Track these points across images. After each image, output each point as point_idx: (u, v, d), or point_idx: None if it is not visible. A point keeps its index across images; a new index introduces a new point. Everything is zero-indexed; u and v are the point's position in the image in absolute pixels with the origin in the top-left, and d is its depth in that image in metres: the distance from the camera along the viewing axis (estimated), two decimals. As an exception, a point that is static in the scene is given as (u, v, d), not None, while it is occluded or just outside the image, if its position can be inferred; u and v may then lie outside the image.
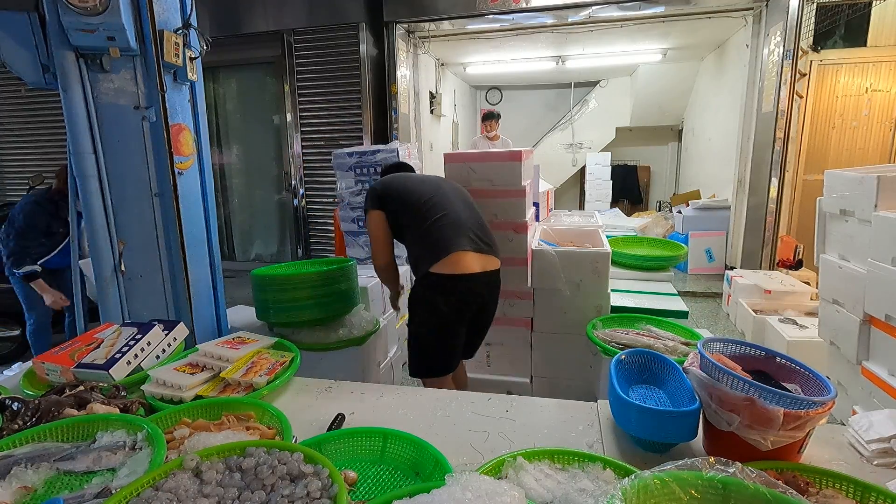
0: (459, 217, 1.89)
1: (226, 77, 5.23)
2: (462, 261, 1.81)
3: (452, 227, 1.85)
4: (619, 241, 3.44)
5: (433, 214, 1.87)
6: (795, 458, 1.00)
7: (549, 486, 0.90)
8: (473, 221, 1.94)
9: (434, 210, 1.88)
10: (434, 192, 1.95)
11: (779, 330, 3.01)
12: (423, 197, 1.92)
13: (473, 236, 1.88)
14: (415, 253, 1.92)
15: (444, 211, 1.88)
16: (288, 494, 0.82)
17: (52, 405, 1.15)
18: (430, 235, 1.85)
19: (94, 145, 1.91)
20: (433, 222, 1.86)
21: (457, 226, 1.86)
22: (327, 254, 5.07)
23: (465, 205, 1.98)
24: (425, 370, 1.95)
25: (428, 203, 1.90)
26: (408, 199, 1.94)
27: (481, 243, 1.90)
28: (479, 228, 1.94)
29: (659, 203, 8.53)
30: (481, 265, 1.85)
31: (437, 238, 1.84)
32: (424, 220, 1.87)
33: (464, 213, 1.93)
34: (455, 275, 1.80)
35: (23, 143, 5.36)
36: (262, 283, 2.16)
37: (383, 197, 1.97)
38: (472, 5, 4.49)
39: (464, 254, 1.82)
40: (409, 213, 1.92)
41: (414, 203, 1.92)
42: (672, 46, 6.18)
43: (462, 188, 2.09)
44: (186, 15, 2.03)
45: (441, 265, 1.80)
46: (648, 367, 1.37)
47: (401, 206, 1.94)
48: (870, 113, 4.25)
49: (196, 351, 1.51)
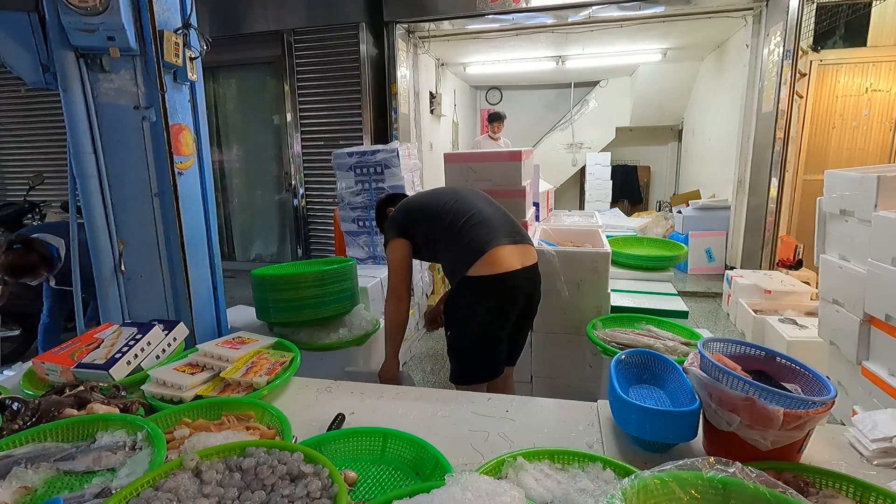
0: (486, 214, 1.81)
1: (226, 77, 5.23)
2: (500, 258, 1.71)
3: (483, 226, 1.77)
4: (619, 241, 3.44)
5: (460, 218, 1.79)
6: (795, 458, 1.00)
7: (549, 486, 0.90)
8: (501, 216, 1.86)
9: (460, 214, 1.80)
10: (453, 197, 1.88)
11: (779, 330, 3.01)
12: (445, 205, 1.85)
13: (506, 230, 1.80)
14: (450, 261, 1.82)
15: (469, 212, 1.81)
16: (288, 494, 0.82)
17: (52, 405, 1.15)
18: (462, 239, 1.76)
19: (94, 145, 1.91)
20: (462, 225, 1.78)
21: (488, 223, 1.78)
22: (327, 254, 5.07)
23: (486, 202, 1.91)
24: (470, 378, 1.82)
25: (451, 210, 1.83)
26: (429, 213, 1.86)
27: (516, 234, 1.81)
28: (509, 222, 1.86)
29: (659, 203, 8.53)
30: (521, 260, 1.76)
31: (469, 239, 1.74)
32: (454, 227, 1.79)
33: (489, 210, 1.85)
34: (494, 275, 1.70)
35: (23, 143, 5.36)
36: (262, 283, 2.16)
37: (404, 224, 1.88)
38: (472, 5, 4.49)
39: (501, 248, 1.72)
40: (435, 227, 1.84)
41: (436, 215, 1.84)
42: (672, 46, 6.18)
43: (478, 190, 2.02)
44: (186, 15, 2.03)
45: (478, 266, 1.70)
46: (648, 367, 1.37)
47: (425, 224, 1.86)
48: (870, 113, 4.25)
49: (196, 351, 1.51)
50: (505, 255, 1.71)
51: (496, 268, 1.69)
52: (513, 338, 1.91)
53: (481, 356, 1.81)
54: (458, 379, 1.85)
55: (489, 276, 1.69)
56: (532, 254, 1.83)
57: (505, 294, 1.74)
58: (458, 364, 1.85)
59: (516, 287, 1.75)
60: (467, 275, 1.71)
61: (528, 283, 1.80)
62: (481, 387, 1.79)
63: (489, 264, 1.70)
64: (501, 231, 1.77)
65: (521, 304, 1.81)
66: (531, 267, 1.81)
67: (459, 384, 1.82)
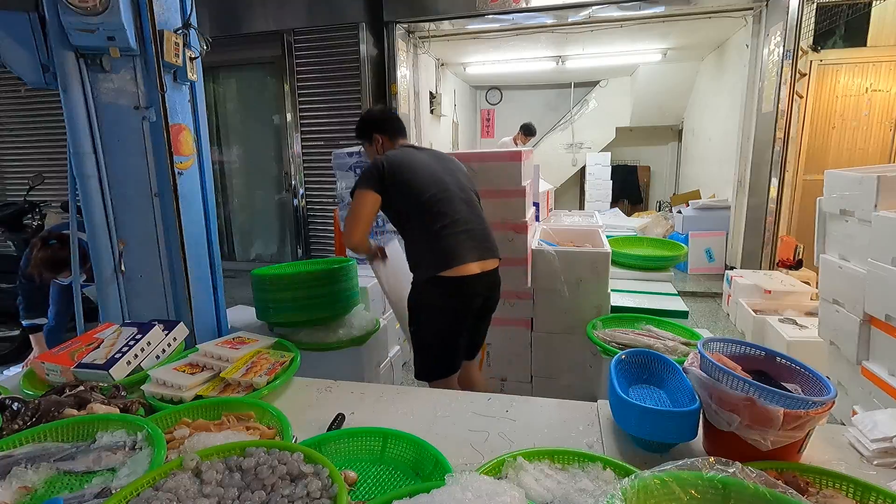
0: (465, 225, 1.89)
1: (226, 77, 5.22)
2: (465, 268, 1.84)
3: (459, 239, 1.85)
4: (619, 241, 3.44)
5: (439, 221, 1.85)
6: (795, 458, 1.00)
7: (549, 486, 0.90)
8: (477, 226, 1.93)
9: (440, 217, 1.86)
10: (440, 190, 1.90)
11: (779, 330, 3.01)
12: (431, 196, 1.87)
13: (479, 245, 1.90)
14: (417, 252, 1.91)
15: (450, 217, 1.86)
16: (288, 494, 0.82)
17: (52, 405, 1.15)
18: (436, 242, 1.84)
19: (94, 145, 1.91)
20: (440, 229, 1.84)
21: (463, 237, 1.87)
22: (327, 254, 5.07)
23: (468, 207, 1.95)
24: (432, 373, 1.94)
25: (434, 205, 1.86)
26: (411, 194, 1.87)
27: (485, 251, 1.91)
28: (483, 234, 1.94)
29: (659, 203, 8.53)
30: (480, 268, 1.88)
31: (443, 247, 1.83)
32: (431, 224, 1.85)
33: (467, 216, 1.91)
34: (457, 277, 1.83)
35: (23, 143, 5.36)
36: (262, 283, 2.16)
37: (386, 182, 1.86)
38: (472, 5, 4.49)
39: (470, 265, 1.85)
40: (413, 210, 1.88)
41: (417, 202, 1.87)
42: (672, 46, 6.18)
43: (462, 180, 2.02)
44: (186, 15, 2.03)
45: (444, 272, 1.82)
46: (648, 367, 1.37)
47: (404, 201, 1.88)
48: (870, 113, 4.25)
49: (196, 351, 1.51)
50: (469, 266, 1.85)
51: (459, 273, 1.83)
52: (471, 335, 2.03)
53: (442, 352, 1.93)
54: (424, 375, 1.96)
55: (452, 277, 1.83)
56: (493, 262, 1.95)
57: (466, 293, 1.87)
58: (423, 358, 1.96)
59: (476, 288, 1.89)
60: (434, 275, 1.83)
61: (487, 287, 1.94)
62: (451, 382, 1.95)
63: (454, 271, 1.83)
64: (474, 248, 1.88)
65: (479, 304, 1.94)
66: (491, 271, 1.94)
67: (425, 378, 1.95)
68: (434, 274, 1.83)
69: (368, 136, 2.09)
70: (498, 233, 2.29)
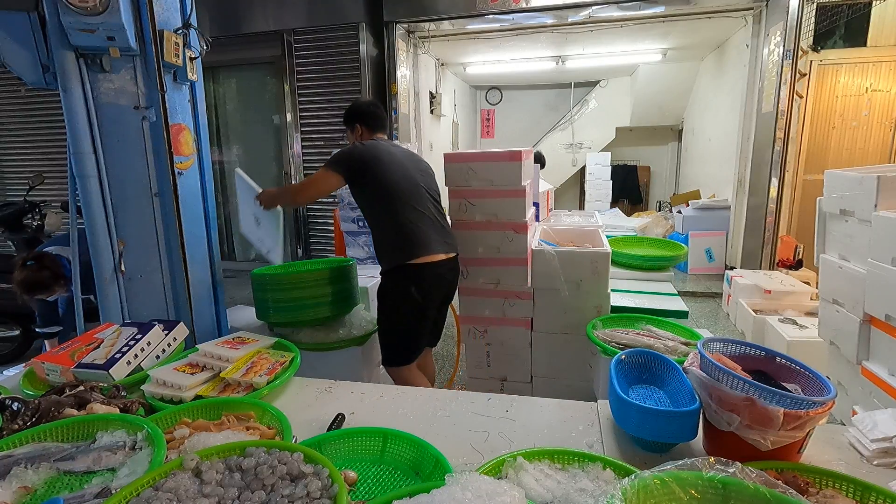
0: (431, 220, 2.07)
1: (226, 77, 5.23)
2: (433, 256, 2.02)
3: (427, 231, 2.03)
4: (619, 241, 3.44)
5: (409, 213, 2.01)
6: (795, 458, 1.00)
7: (549, 486, 0.90)
8: (442, 223, 2.13)
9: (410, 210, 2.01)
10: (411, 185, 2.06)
11: (779, 330, 3.01)
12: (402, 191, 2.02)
13: (442, 240, 2.08)
14: (386, 242, 2.06)
15: (419, 211, 2.03)
16: (288, 494, 0.82)
17: (52, 405, 1.15)
18: (405, 233, 2.00)
19: (94, 145, 1.91)
20: (409, 221, 2.00)
21: (430, 230, 2.04)
22: (327, 254, 5.07)
23: (434, 205, 2.13)
24: (400, 358, 2.08)
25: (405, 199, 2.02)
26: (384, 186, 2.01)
27: (448, 246, 2.11)
28: (445, 230, 2.14)
29: (659, 203, 8.53)
30: (444, 256, 2.07)
31: (413, 238, 2.00)
32: (401, 216, 2.01)
33: (434, 213, 2.10)
34: (426, 263, 2.00)
35: (23, 143, 5.36)
36: (262, 283, 2.16)
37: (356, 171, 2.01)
38: (472, 5, 4.49)
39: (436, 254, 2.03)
40: (384, 202, 2.02)
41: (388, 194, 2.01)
42: (672, 46, 6.18)
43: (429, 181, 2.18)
44: (186, 15, 2.03)
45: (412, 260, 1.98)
46: (648, 367, 1.37)
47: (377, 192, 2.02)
48: (870, 113, 4.25)
49: (196, 351, 1.51)
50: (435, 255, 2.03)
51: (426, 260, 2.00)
52: (435, 322, 2.21)
53: (408, 338, 2.08)
54: (391, 361, 2.10)
55: (420, 263, 1.99)
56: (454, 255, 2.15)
57: (434, 278, 2.04)
58: (390, 346, 2.10)
59: (442, 273, 2.07)
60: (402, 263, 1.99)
61: (450, 273, 2.13)
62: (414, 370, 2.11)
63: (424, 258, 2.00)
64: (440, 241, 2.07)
65: (445, 288, 2.13)
66: (453, 258, 2.14)
67: (394, 364, 2.09)
68: (403, 262, 1.98)
69: (351, 123, 2.25)
70: (498, 233, 2.30)
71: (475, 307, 2.46)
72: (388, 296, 2.06)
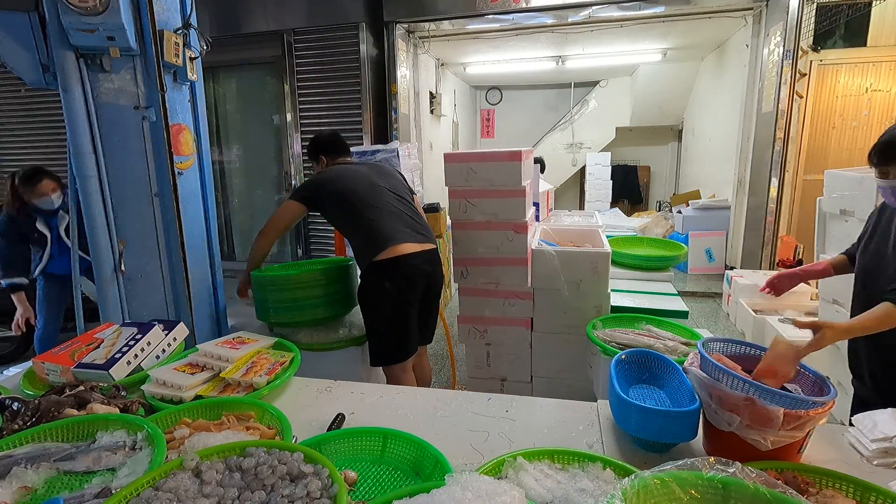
0: (395, 213, 2.09)
1: (226, 77, 5.22)
2: (399, 248, 2.01)
3: (389, 223, 2.05)
4: (619, 241, 3.44)
5: (369, 212, 2.05)
6: (795, 458, 1.00)
7: (549, 486, 0.90)
8: (410, 215, 2.13)
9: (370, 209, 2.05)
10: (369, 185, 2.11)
11: (779, 330, 3.01)
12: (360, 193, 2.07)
13: (412, 231, 2.08)
14: (357, 247, 2.10)
15: (379, 208, 2.07)
16: (288, 494, 0.82)
17: (52, 405, 1.15)
18: (369, 231, 2.03)
19: (94, 145, 1.91)
20: (370, 219, 2.04)
21: (394, 221, 2.06)
22: (327, 254, 5.07)
23: (399, 201, 2.15)
24: (388, 357, 2.08)
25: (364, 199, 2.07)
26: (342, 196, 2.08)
27: (420, 236, 2.10)
28: (416, 223, 2.14)
29: (659, 203, 8.53)
30: (418, 247, 2.06)
31: (376, 233, 2.02)
32: (363, 216, 2.04)
33: (398, 207, 2.12)
34: (395, 257, 1.99)
35: (23, 143, 5.35)
36: (262, 283, 2.16)
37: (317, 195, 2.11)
38: (472, 5, 4.49)
39: (401, 244, 2.02)
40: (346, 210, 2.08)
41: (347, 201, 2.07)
42: (672, 46, 6.17)
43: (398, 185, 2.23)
44: (186, 15, 2.03)
45: (382, 255, 2.00)
46: (648, 367, 1.37)
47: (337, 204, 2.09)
48: (870, 113, 4.25)
49: (196, 351, 1.51)
50: (403, 246, 2.02)
51: (396, 253, 2.00)
52: (422, 318, 2.19)
53: (394, 336, 2.07)
54: (380, 359, 2.09)
55: (391, 258, 1.99)
56: (430, 244, 2.13)
57: (408, 270, 2.03)
58: (378, 344, 2.10)
59: (416, 265, 2.05)
60: (373, 261, 2.00)
61: (428, 262, 2.10)
62: (407, 370, 2.11)
63: (390, 252, 2.00)
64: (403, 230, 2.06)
65: (423, 283, 2.10)
66: (429, 250, 2.12)
67: (381, 364, 2.09)
68: (372, 259, 2.00)
69: (315, 156, 2.33)
70: (498, 233, 2.30)
71: (475, 307, 2.46)
72: (366, 296, 2.08)
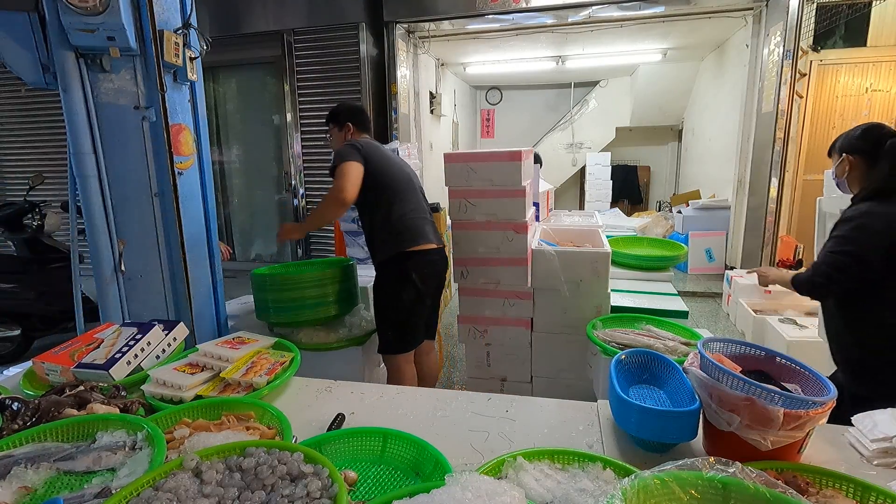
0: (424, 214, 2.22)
1: (226, 77, 5.22)
2: (428, 244, 2.16)
3: (421, 223, 2.17)
4: (619, 241, 3.44)
5: (406, 207, 2.14)
6: (795, 458, 1.00)
7: (549, 486, 0.90)
8: (430, 218, 2.26)
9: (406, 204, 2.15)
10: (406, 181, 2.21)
11: (779, 330, 3.01)
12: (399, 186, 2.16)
13: (433, 231, 2.22)
14: (381, 232, 2.15)
15: (413, 205, 2.18)
16: (288, 494, 0.82)
17: (52, 405, 1.14)
18: (402, 224, 2.12)
19: (94, 145, 1.91)
20: (405, 214, 2.13)
21: (424, 222, 2.19)
22: (327, 254, 5.07)
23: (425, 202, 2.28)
24: (399, 346, 2.16)
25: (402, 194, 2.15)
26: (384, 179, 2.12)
27: (437, 237, 2.25)
28: (433, 223, 2.27)
29: (659, 203, 8.53)
30: (437, 245, 2.22)
31: (409, 228, 2.12)
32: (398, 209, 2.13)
33: (426, 209, 2.25)
34: (423, 250, 2.12)
35: (23, 143, 5.35)
36: (262, 283, 2.16)
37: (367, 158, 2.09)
38: (472, 5, 4.49)
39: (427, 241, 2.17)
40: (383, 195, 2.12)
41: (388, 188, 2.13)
42: (672, 46, 6.18)
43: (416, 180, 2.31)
44: (186, 15, 2.03)
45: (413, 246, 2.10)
46: (648, 367, 1.37)
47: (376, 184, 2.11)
48: (870, 113, 4.24)
49: (196, 351, 1.51)
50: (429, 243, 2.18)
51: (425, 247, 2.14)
52: (430, 312, 2.32)
53: (409, 324, 2.17)
54: (387, 349, 2.17)
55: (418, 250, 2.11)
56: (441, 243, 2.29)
57: (430, 264, 2.17)
58: (387, 334, 2.18)
59: (436, 260, 2.21)
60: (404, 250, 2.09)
61: (441, 261, 2.26)
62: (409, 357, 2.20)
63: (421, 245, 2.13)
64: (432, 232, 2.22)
65: (437, 278, 2.26)
66: (442, 249, 2.29)
67: (392, 352, 2.17)
68: (401, 250, 2.09)
69: (341, 122, 2.30)
70: (498, 233, 2.30)
71: (475, 307, 2.46)
72: (387, 284, 2.13)
